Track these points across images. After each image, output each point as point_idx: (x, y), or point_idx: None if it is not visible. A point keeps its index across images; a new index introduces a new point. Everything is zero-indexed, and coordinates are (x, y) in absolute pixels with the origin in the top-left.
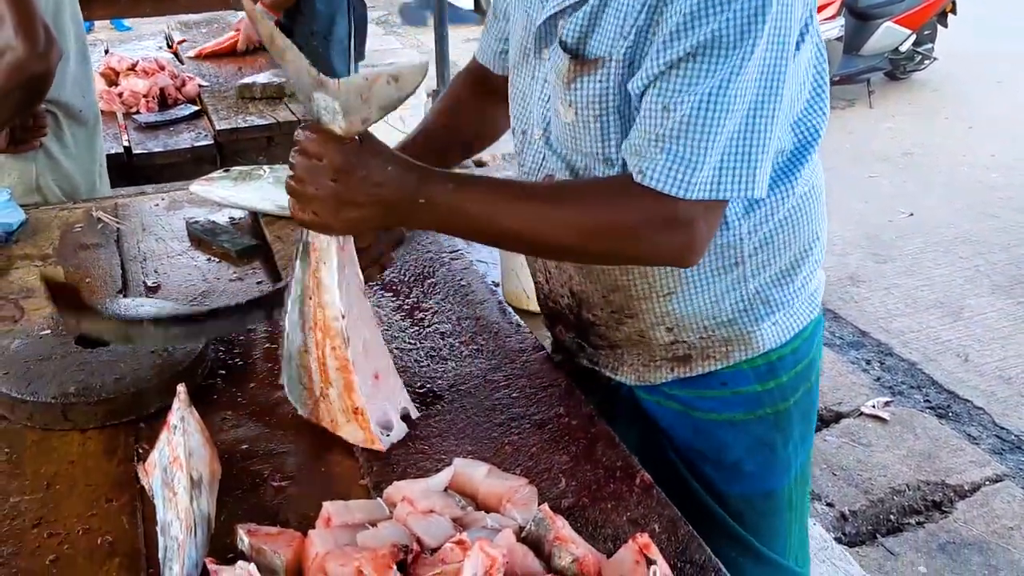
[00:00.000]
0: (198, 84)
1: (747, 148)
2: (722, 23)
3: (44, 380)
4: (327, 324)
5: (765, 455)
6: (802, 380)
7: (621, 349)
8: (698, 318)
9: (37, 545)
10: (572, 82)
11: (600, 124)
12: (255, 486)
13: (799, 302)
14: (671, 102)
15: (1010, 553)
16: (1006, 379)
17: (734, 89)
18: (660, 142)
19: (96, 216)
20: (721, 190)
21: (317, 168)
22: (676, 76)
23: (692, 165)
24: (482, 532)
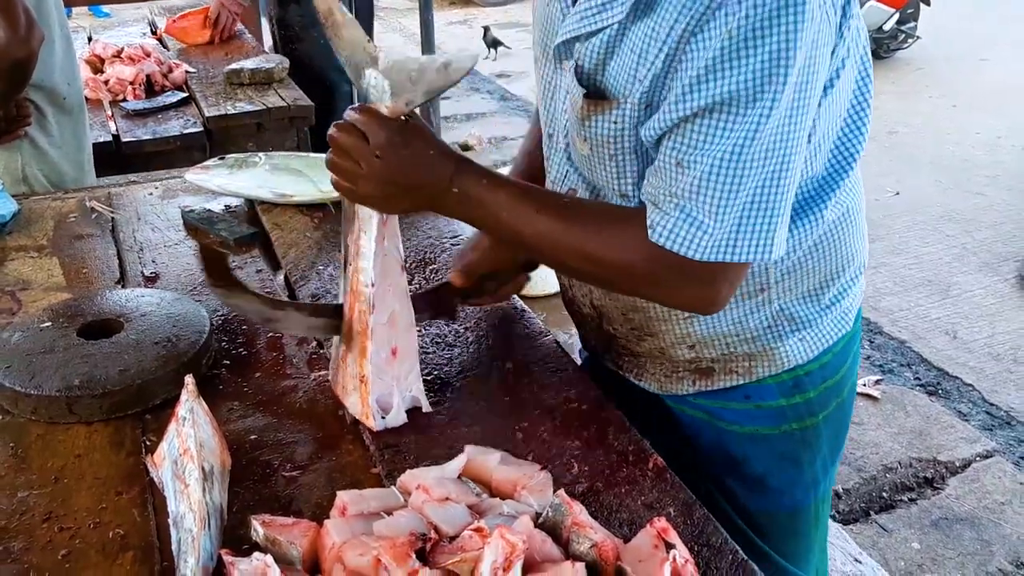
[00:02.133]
0: (185, 70)
1: (765, 211)
2: (740, 79)
3: (48, 373)
4: (359, 288)
5: (790, 471)
6: (832, 395)
7: (644, 358)
8: (720, 337)
9: (48, 540)
10: (586, 119)
11: (616, 163)
12: (266, 476)
13: (828, 319)
14: (685, 158)
15: (1001, 527)
16: (995, 355)
17: (752, 150)
18: (674, 198)
19: (90, 206)
20: (736, 254)
21: (361, 144)
22: (691, 131)
23: (704, 228)
24: (499, 519)
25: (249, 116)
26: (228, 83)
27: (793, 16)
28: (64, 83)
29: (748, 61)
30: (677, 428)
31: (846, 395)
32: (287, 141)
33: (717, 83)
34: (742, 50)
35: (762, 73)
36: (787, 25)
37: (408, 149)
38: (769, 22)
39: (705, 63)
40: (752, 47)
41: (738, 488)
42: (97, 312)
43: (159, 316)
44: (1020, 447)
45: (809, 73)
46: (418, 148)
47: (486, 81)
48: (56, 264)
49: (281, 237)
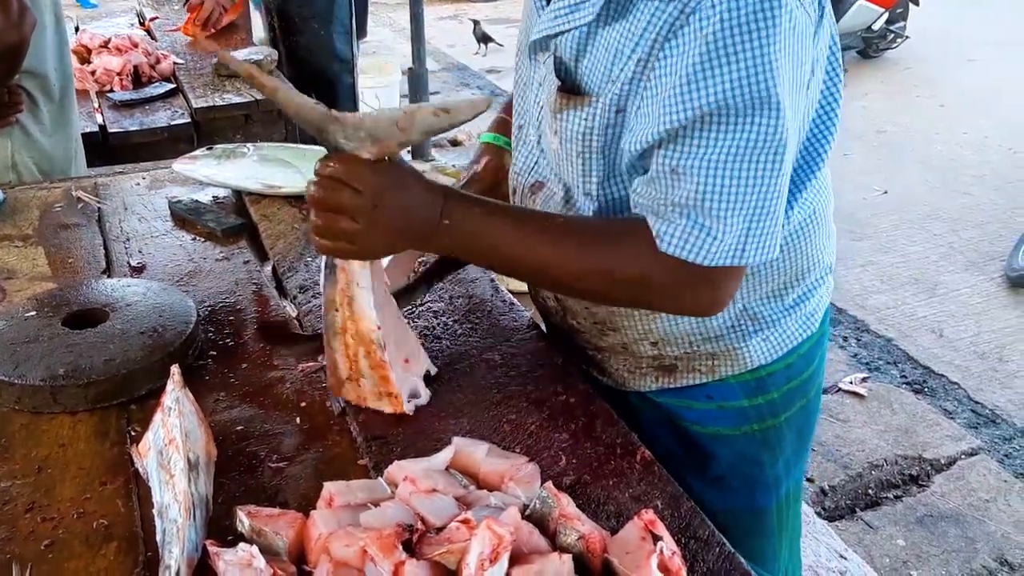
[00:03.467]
0: (173, 61)
1: (768, 212)
2: (727, 86)
3: (32, 362)
4: (360, 333)
5: (752, 472)
6: (797, 396)
7: (607, 353)
8: (683, 335)
9: (31, 530)
10: (559, 112)
11: (582, 160)
12: (252, 467)
13: (792, 320)
14: (682, 166)
15: (986, 525)
16: (980, 354)
17: (753, 154)
18: (677, 207)
19: (76, 195)
20: (744, 257)
21: (354, 198)
22: (686, 139)
23: (713, 236)
24: (486, 511)
25: (237, 108)
26: (216, 74)
27: (771, 17)
28: (55, 70)
29: (733, 66)
30: (640, 426)
31: (812, 396)
32: (275, 133)
33: (705, 90)
34: (723, 56)
35: (750, 77)
36: (767, 27)
37: (402, 191)
38: (748, 26)
39: (687, 71)
40: (734, 52)
41: (700, 486)
42: (82, 302)
43: (145, 306)
44: (1005, 445)
45: (797, 71)
46: (410, 186)
47: (476, 77)
48: (41, 254)
49: (269, 228)
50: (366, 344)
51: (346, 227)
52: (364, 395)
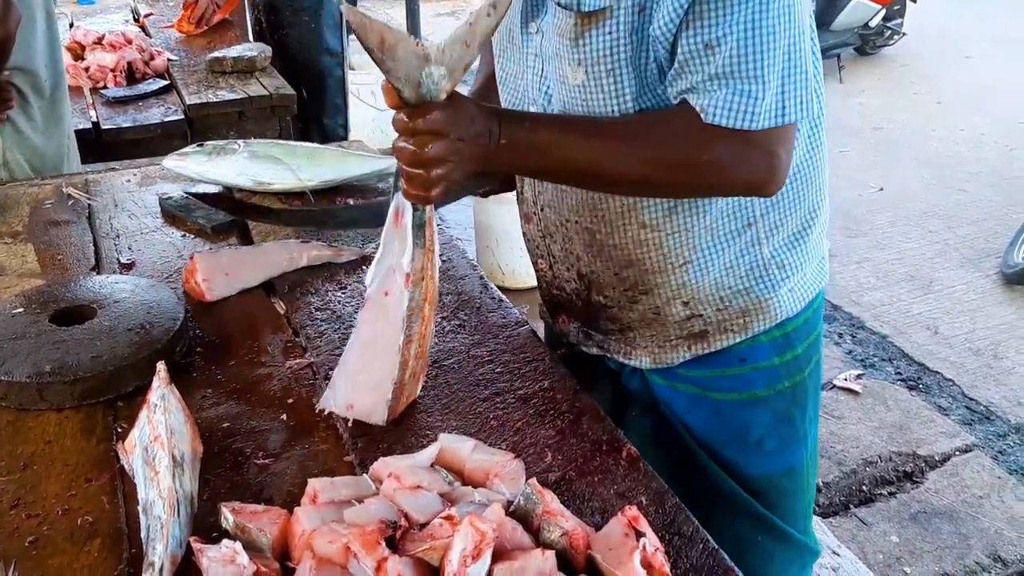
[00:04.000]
0: (167, 58)
1: (798, 66)
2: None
3: (18, 359)
4: (434, 293)
5: (785, 430)
6: (813, 351)
7: (633, 332)
8: (714, 288)
9: (15, 527)
10: (579, 38)
11: (613, 78)
12: (238, 464)
13: (811, 267)
14: (712, 37)
15: (979, 521)
16: (975, 351)
17: (775, 8)
18: (716, 79)
19: (66, 192)
20: (787, 114)
21: (443, 143)
22: (709, 10)
23: (754, 96)
24: (470, 507)
25: (230, 105)
26: (210, 71)
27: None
28: (46, 67)
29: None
30: (667, 408)
31: (820, 351)
32: (269, 130)
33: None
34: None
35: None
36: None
37: (473, 122)
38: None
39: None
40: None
41: (737, 456)
42: (70, 298)
43: (133, 303)
44: (999, 441)
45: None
46: (474, 115)
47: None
48: (31, 250)
49: (258, 225)
50: (434, 297)
51: (443, 171)
52: (412, 388)
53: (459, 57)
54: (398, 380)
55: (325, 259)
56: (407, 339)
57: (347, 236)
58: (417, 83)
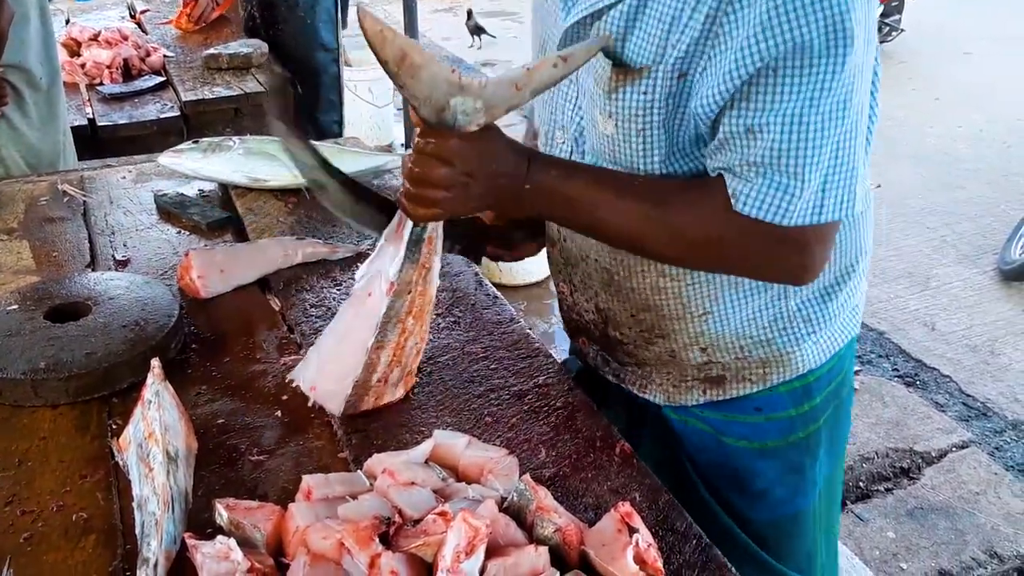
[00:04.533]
0: (163, 55)
1: (846, 165)
2: (804, 30)
3: (13, 356)
4: (423, 309)
5: (794, 480)
6: (832, 398)
7: (650, 368)
8: (734, 338)
9: (10, 523)
10: (613, 92)
11: (643, 138)
12: (232, 460)
13: (840, 319)
14: (756, 124)
15: (975, 517)
16: (972, 347)
17: (827, 105)
18: (754, 167)
19: (62, 189)
20: (824, 213)
21: (448, 173)
22: (757, 94)
23: (791, 193)
24: (464, 503)
25: (226, 101)
26: (206, 67)
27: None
28: (41, 64)
29: (806, 15)
30: (678, 443)
31: (843, 396)
32: (265, 127)
33: (776, 40)
34: (798, 5)
35: (825, 26)
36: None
37: (493, 162)
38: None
39: (758, 21)
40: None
41: (741, 501)
42: (65, 295)
43: (128, 299)
44: (996, 438)
45: (870, 16)
46: (499, 155)
47: (470, 69)
48: (26, 247)
49: (255, 222)
50: (423, 317)
51: (439, 197)
52: (383, 392)
53: (504, 97)
54: (360, 380)
55: (320, 256)
56: (378, 344)
57: (342, 233)
58: (441, 108)
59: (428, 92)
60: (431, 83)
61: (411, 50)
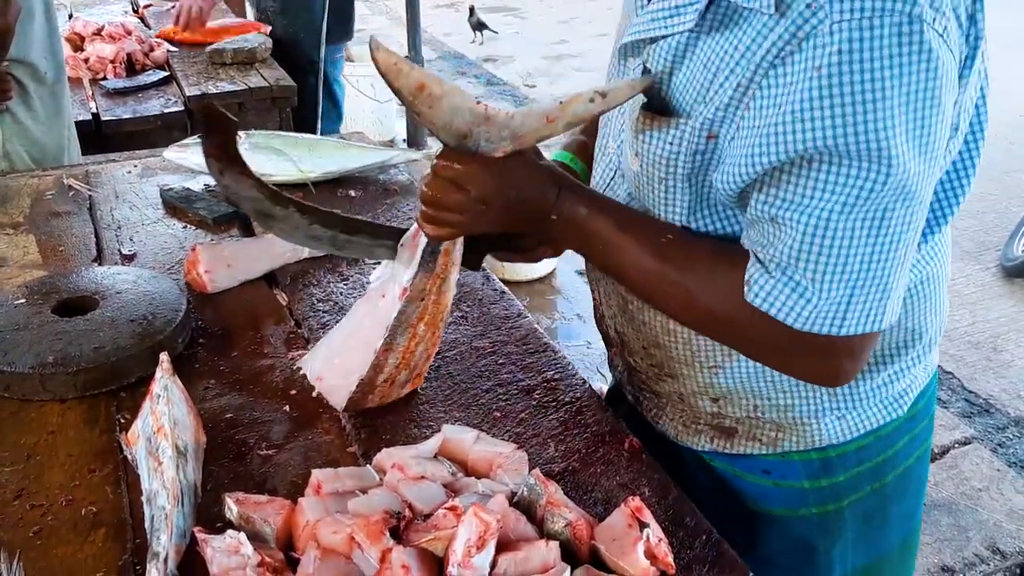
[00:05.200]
0: (167, 49)
1: (877, 280)
2: (836, 131)
3: (21, 350)
4: (437, 317)
5: (802, 554)
6: (867, 480)
7: (664, 399)
8: (748, 395)
9: (20, 517)
10: (641, 133)
11: (665, 188)
12: (241, 455)
13: (877, 400)
14: (781, 216)
15: (978, 514)
16: (975, 344)
17: (865, 212)
18: (774, 259)
19: (67, 183)
20: (846, 327)
21: (463, 199)
22: (787, 184)
23: (806, 296)
24: (474, 498)
25: (230, 96)
26: (210, 62)
27: (904, 55)
28: (45, 58)
29: (849, 107)
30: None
31: (889, 481)
32: (269, 122)
33: (811, 131)
34: (839, 93)
35: (865, 124)
36: (895, 67)
37: (513, 189)
38: (871, 63)
39: (792, 106)
40: (852, 90)
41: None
42: (72, 289)
43: (135, 294)
44: (998, 434)
45: (931, 123)
46: (522, 183)
47: (472, 65)
48: (32, 241)
49: None
50: (437, 324)
51: (453, 220)
52: (390, 392)
53: (534, 128)
54: (366, 379)
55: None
56: (386, 346)
57: None
58: (463, 135)
59: (449, 119)
60: (452, 112)
61: (430, 81)
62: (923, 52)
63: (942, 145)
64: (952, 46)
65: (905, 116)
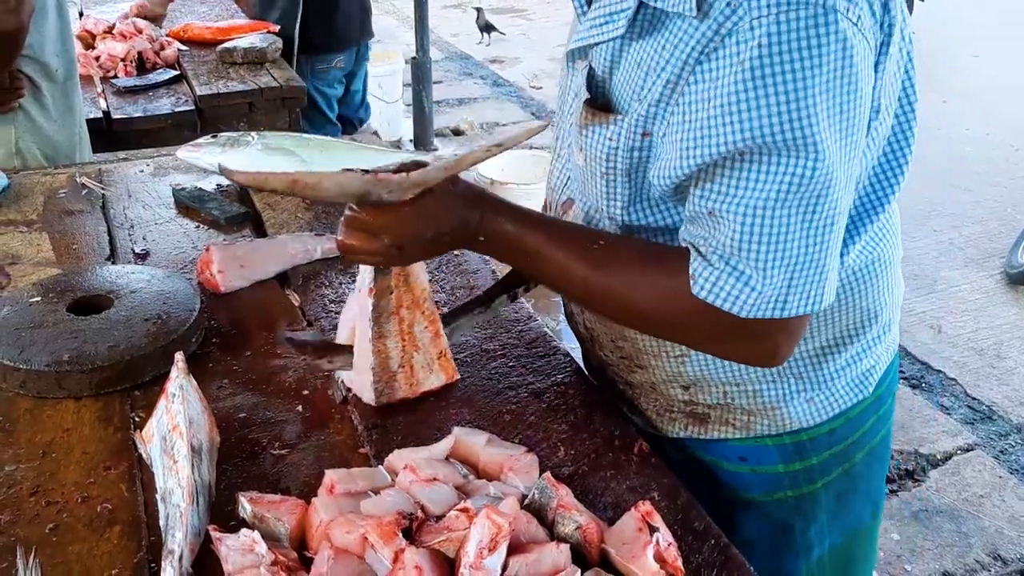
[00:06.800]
0: (177, 48)
1: (816, 262)
2: (762, 123)
3: (37, 348)
4: (415, 297)
5: (779, 537)
6: (837, 462)
7: (637, 390)
8: (717, 382)
9: (36, 513)
10: (584, 127)
11: (606, 183)
12: (254, 454)
13: (842, 382)
14: (718, 208)
15: (980, 520)
16: (978, 350)
17: (798, 199)
18: (716, 250)
19: (80, 182)
20: (787, 308)
21: (379, 246)
22: (721, 178)
23: (751, 283)
24: (486, 500)
25: (241, 96)
26: (221, 62)
27: (819, 45)
28: (57, 56)
29: (771, 99)
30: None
31: (857, 461)
32: (279, 122)
33: (739, 125)
34: (759, 88)
35: (789, 115)
36: (811, 57)
37: (430, 227)
38: (790, 54)
39: (720, 100)
40: (773, 84)
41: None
42: (87, 288)
43: (149, 293)
44: (1001, 441)
45: (850, 108)
46: (439, 218)
47: (479, 66)
48: (46, 239)
49: (272, 217)
50: (420, 304)
51: (376, 261)
52: (416, 378)
53: (434, 179)
54: (377, 367)
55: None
56: (377, 333)
57: None
58: (361, 195)
59: (338, 192)
60: (339, 187)
61: (300, 176)
62: (838, 41)
63: (863, 128)
64: (867, 33)
65: (827, 104)
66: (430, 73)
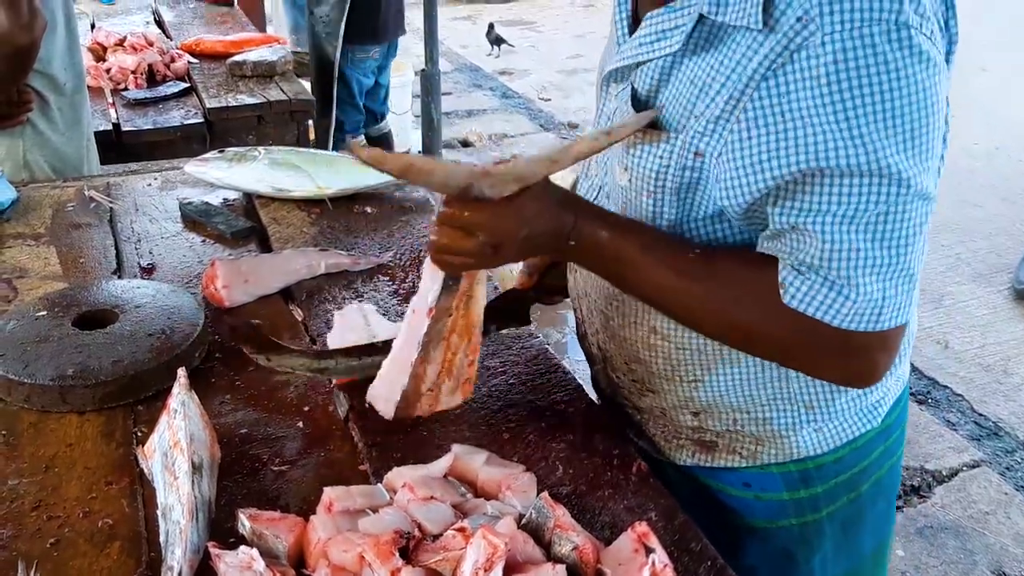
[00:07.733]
0: (187, 61)
1: (906, 270)
2: (840, 144)
3: (41, 362)
4: (469, 325)
5: (782, 565)
6: (843, 490)
7: (646, 415)
8: (727, 409)
9: (37, 528)
10: (632, 147)
11: (653, 201)
12: (255, 471)
13: (852, 411)
14: (803, 223)
15: (985, 537)
16: (985, 366)
17: (886, 211)
18: (805, 263)
19: (88, 195)
20: (882, 321)
21: (474, 244)
22: (804, 195)
23: (845, 294)
24: (482, 519)
25: (250, 109)
26: (230, 75)
27: (897, 59)
28: (66, 70)
29: (854, 119)
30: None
31: (864, 491)
32: (287, 135)
33: (814, 145)
34: (841, 104)
35: (879, 133)
36: (895, 68)
37: (524, 228)
38: (870, 68)
39: (795, 115)
40: (855, 103)
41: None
42: (92, 302)
43: (154, 308)
44: (1007, 458)
45: (928, 122)
46: (533, 219)
47: (488, 78)
48: (53, 253)
49: (278, 232)
50: (471, 331)
51: (468, 263)
52: (438, 400)
53: (537, 172)
54: (408, 389)
55: (343, 267)
56: (422, 358)
57: (364, 244)
58: (463, 188)
59: (444, 180)
60: (446, 176)
61: (416, 160)
62: (917, 54)
63: (939, 140)
64: (939, 47)
65: (910, 120)
66: (439, 85)
